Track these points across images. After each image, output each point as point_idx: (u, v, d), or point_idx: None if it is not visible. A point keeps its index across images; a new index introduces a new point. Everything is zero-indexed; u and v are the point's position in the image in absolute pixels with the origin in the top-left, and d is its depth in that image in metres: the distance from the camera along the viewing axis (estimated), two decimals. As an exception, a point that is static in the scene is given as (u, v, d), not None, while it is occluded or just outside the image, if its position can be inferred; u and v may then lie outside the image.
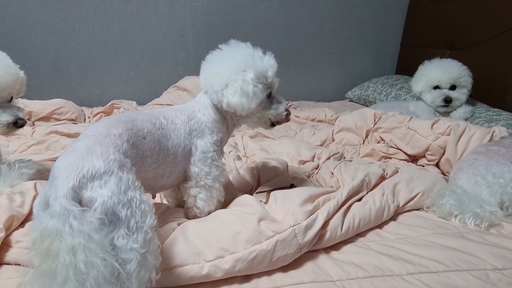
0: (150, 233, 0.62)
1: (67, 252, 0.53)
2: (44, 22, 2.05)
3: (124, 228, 0.58)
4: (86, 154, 0.61)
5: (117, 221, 0.58)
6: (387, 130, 1.49)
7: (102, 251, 0.55)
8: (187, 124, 0.86)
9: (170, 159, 0.82)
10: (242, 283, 0.76)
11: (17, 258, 0.75)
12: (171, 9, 2.20)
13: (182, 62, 2.33)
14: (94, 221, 0.55)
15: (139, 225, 0.60)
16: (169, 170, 0.83)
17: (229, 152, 1.36)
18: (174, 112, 0.87)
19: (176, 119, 0.85)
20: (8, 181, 0.85)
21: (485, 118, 1.61)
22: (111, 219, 0.58)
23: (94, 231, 0.55)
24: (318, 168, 1.28)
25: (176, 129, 0.84)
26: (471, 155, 1.16)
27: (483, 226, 0.96)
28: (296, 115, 1.96)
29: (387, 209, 0.99)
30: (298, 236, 0.81)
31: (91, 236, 0.54)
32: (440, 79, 1.72)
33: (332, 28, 2.50)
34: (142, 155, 0.74)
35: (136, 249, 0.59)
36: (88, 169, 0.59)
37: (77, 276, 0.53)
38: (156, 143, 0.77)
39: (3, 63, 0.88)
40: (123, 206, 0.59)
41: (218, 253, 0.75)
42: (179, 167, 0.85)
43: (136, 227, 0.60)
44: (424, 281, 0.77)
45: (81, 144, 0.64)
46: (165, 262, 0.72)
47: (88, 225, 0.55)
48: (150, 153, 0.76)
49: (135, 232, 0.59)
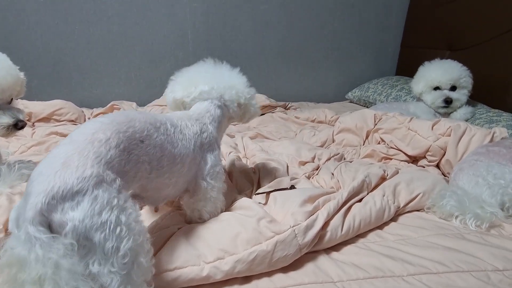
0: (129, 256, 0.56)
1: (33, 283, 0.48)
2: (44, 23, 2.05)
3: (100, 253, 0.53)
4: (61, 168, 0.55)
5: (91, 246, 0.53)
6: (387, 131, 1.48)
7: (74, 279, 0.50)
8: (198, 136, 0.83)
9: (177, 168, 0.77)
10: (242, 284, 0.75)
11: None
12: (171, 10, 2.20)
13: (182, 63, 2.31)
14: (61, 248, 0.50)
15: (115, 249, 0.54)
16: (175, 180, 0.77)
17: (229, 153, 1.35)
18: (185, 122, 0.82)
19: (187, 129, 0.81)
20: (8, 182, 0.85)
21: (486, 119, 1.61)
22: (85, 244, 0.53)
23: (63, 258, 0.50)
24: (318, 169, 1.28)
25: (185, 139, 0.79)
26: (472, 156, 1.16)
27: (483, 227, 0.96)
28: (296, 116, 1.96)
29: (387, 210, 0.99)
30: (298, 236, 0.81)
31: (59, 264, 0.49)
32: (440, 80, 1.72)
33: (332, 29, 2.50)
34: (136, 160, 0.67)
35: (115, 272, 0.54)
36: (59, 188, 0.53)
37: None
38: (157, 148, 0.72)
39: (4, 65, 0.88)
40: (96, 230, 0.53)
41: (218, 254, 0.75)
42: (185, 178, 0.81)
43: (112, 251, 0.54)
44: (424, 282, 0.77)
45: (61, 152, 0.58)
46: (164, 264, 0.72)
47: (56, 253, 0.50)
48: (148, 159, 0.69)
49: (112, 256, 0.54)
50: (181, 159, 0.77)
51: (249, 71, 2.51)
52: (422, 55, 2.08)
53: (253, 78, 2.65)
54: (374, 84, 2.35)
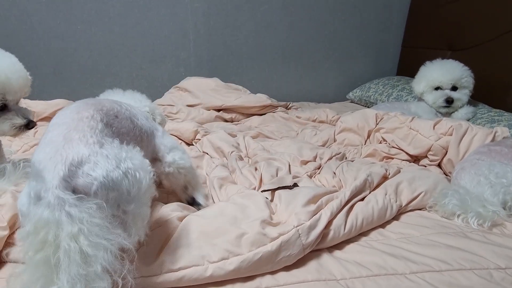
0: (148, 193, 0.65)
1: (70, 239, 0.53)
2: (46, 23, 2.05)
3: (126, 198, 0.60)
4: (65, 143, 0.60)
5: (119, 196, 0.60)
6: (389, 131, 1.49)
7: (105, 233, 0.56)
8: (142, 111, 0.95)
9: (145, 137, 0.86)
10: (246, 282, 0.76)
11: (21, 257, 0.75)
12: (172, 10, 2.21)
13: (183, 63, 2.33)
14: (92, 207, 0.56)
15: (137, 190, 0.62)
16: (146, 149, 0.84)
17: (231, 152, 1.36)
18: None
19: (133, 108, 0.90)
20: (12, 179, 0.86)
21: (487, 119, 1.61)
22: (113, 196, 0.59)
23: (93, 216, 0.55)
24: (320, 168, 1.28)
25: (138, 113, 0.88)
26: (474, 155, 1.16)
27: (486, 226, 0.96)
28: (298, 116, 1.96)
29: (389, 208, 0.99)
30: (302, 236, 0.81)
31: (91, 221, 0.55)
32: (442, 80, 1.72)
33: (333, 29, 2.50)
34: (118, 132, 0.73)
35: (137, 212, 0.63)
36: (73, 156, 0.58)
37: (85, 259, 0.53)
38: (128, 121, 0.80)
39: (16, 68, 0.91)
40: (121, 179, 0.60)
41: (223, 254, 0.75)
42: (149, 147, 0.90)
43: (136, 193, 0.62)
44: (427, 280, 0.77)
45: (56, 134, 0.62)
46: (168, 264, 0.72)
47: (87, 211, 0.55)
48: (125, 130, 0.77)
49: (136, 197, 0.62)
50: (144, 129, 0.87)
51: (250, 71, 2.54)
52: (423, 55, 2.09)
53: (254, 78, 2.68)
54: (375, 84, 2.35)
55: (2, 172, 0.88)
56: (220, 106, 1.97)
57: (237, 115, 2.00)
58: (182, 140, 1.59)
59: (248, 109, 2.00)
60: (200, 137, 1.54)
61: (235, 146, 1.43)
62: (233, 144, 1.43)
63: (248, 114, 2.02)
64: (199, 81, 2.09)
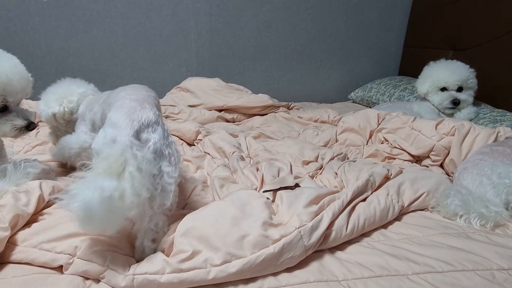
0: (179, 163, 0.83)
1: (135, 169, 0.69)
2: (48, 24, 2.06)
3: (167, 162, 0.79)
4: (141, 109, 0.81)
5: (162, 157, 0.79)
6: (390, 131, 1.48)
7: (153, 169, 0.75)
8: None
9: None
10: (248, 283, 0.75)
11: (23, 257, 0.75)
12: (174, 11, 2.21)
13: (185, 63, 2.33)
14: (148, 152, 0.75)
15: (176, 161, 0.82)
16: None
17: (232, 153, 1.36)
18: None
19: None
20: (13, 180, 0.86)
21: (490, 119, 1.60)
22: (159, 155, 0.78)
23: (149, 159, 0.74)
24: (321, 169, 1.28)
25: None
26: (476, 156, 1.16)
27: (488, 226, 0.95)
28: (299, 116, 1.96)
29: (391, 209, 0.98)
30: (304, 238, 0.81)
31: (149, 160, 0.74)
32: (448, 80, 1.72)
33: (334, 29, 2.50)
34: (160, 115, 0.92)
35: (175, 177, 0.80)
36: (145, 119, 0.79)
37: (137, 184, 0.68)
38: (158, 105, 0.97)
39: (18, 69, 0.91)
40: (166, 146, 0.80)
41: (225, 257, 0.75)
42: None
43: (175, 162, 0.81)
44: (430, 281, 0.77)
45: (130, 102, 0.83)
46: (171, 265, 0.72)
47: (146, 153, 0.74)
48: (160, 113, 0.93)
49: (174, 166, 0.80)
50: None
51: (252, 71, 2.54)
52: (425, 55, 2.09)
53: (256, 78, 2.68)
54: (377, 84, 2.35)
55: (3, 172, 0.88)
56: (222, 107, 1.97)
57: (239, 116, 2.00)
58: (183, 140, 1.59)
59: (249, 109, 2.00)
60: (201, 138, 1.54)
61: (237, 147, 1.43)
62: (234, 145, 1.43)
63: (249, 115, 2.02)
64: (200, 81, 2.09)
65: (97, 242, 0.77)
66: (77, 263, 0.74)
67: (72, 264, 0.74)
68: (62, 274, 0.74)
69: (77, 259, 0.74)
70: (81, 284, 0.72)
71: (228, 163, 1.28)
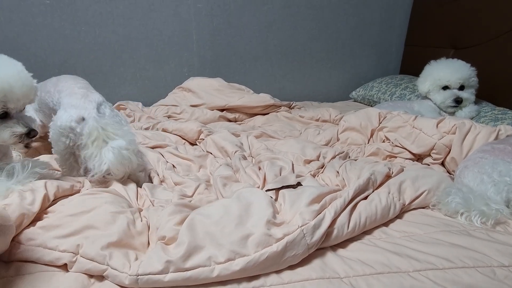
0: None
1: (101, 132, 1.02)
2: (50, 25, 2.07)
3: (124, 122, 1.14)
4: (91, 93, 1.15)
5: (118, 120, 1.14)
6: (392, 129, 1.49)
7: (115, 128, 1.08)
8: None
9: None
10: (251, 281, 0.76)
11: (28, 256, 0.76)
12: (175, 11, 2.22)
13: (187, 63, 2.34)
14: (111, 120, 1.09)
15: (125, 121, 1.16)
16: None
17: (235, 152, 1.36)
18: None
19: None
20: (20, 179, 0.86)
21: (491, 117, 1.61)
22: (116, 120, 1.12)
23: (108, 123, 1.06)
24: (323, 167, 1.29)
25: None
26: (477, 154, 1.16)
27: (489, 224, 0.96)
28: (301, 115, 1.96)
29: (393, 207, 0.99)
30: (307, 236, 0.82)
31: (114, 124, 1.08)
32: (450, 79, 1.72)
33: (335, 28, 2.50)
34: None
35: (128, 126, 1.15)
36: (98, 99, 1.13)
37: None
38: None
39: (21, 75, 0.90)
40: (116, 115, 1.14)
41: (229, 255, 0.76)
42: None
43: (126, 122, 1.14)
44: (431, 278, 0.77)
45: (78, 90, 1.13)
46: (175, 264, 0.73)
47: (107, 120, 1.07)
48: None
49: (126, 122, 1.15)
50: None
51: (253, 71, 2.54)
52: (426, 54, 2.09)
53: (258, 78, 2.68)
54: (378, 83, 2.35)
55: (11, 171, 0.89)
56: (224, 106, 1.98)
57: (241, 115, 2.01)
58: (186, 140, 1.60)
59: (251, 109, 2.01)
60: (204, 137, 1.55)
61: (239, 146, 1.44)
62: (236, 144, 1.44)
63: (251, 114, 2.03)
64: (202, 81, 2.10)
65: (99, 239, 0.77)
66: (80, 261, 0.75)
67: (76, 262, 0.75)
68: (67, 272, 0.75)
69: (80, 257, 0.75)
70: (86, 281, 0.73)
71: (231, 163, 1.29)
